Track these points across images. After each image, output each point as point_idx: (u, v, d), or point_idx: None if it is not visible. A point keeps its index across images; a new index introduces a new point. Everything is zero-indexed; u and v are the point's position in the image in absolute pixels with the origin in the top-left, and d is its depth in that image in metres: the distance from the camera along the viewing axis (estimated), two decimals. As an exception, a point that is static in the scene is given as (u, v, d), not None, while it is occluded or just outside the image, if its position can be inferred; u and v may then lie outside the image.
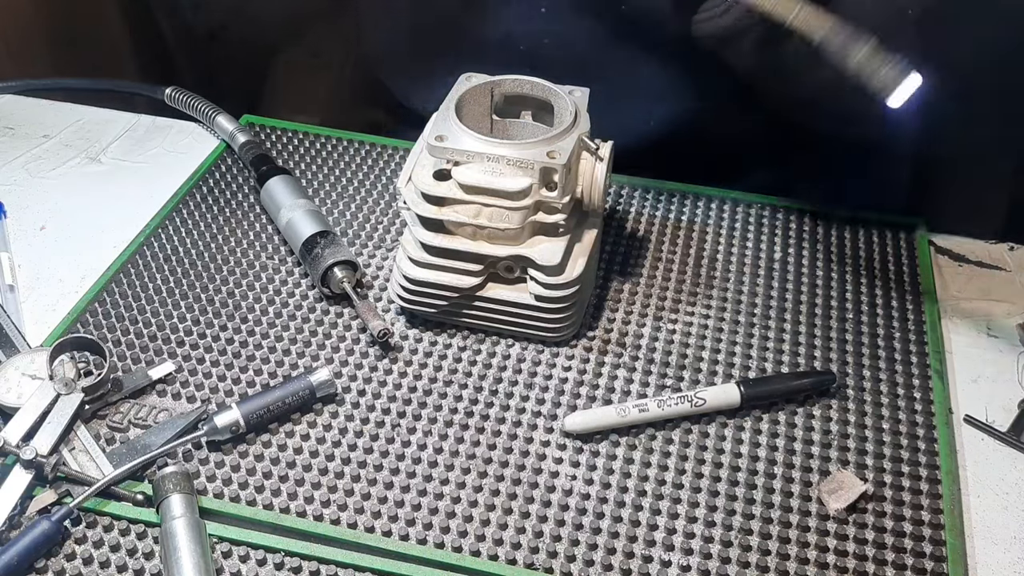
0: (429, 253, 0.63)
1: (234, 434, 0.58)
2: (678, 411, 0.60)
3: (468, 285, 0.63)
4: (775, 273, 0.72)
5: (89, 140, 0.87)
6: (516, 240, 0.61)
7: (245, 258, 0.72)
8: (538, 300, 0.62)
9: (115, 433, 0.59)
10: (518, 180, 0.59)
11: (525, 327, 0.64)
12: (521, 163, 0.59)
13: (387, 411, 0.61)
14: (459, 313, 0.65)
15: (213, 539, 0.53)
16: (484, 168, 0.60)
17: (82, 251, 0.74)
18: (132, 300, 0.68)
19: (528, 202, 0.60)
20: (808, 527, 0.55)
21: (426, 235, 0.62)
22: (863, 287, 0.71)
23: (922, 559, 0.53)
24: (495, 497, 0.56)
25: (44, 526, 0.52)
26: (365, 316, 0.64)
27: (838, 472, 0.57)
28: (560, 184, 0.59)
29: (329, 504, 0.55)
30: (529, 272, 0.62)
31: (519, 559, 0.53)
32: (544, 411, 0.61)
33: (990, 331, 0.69)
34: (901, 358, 0.65)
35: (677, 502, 0.56)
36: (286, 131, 0.85)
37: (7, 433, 0.56)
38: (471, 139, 0.60)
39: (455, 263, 0.62)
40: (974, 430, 0.62)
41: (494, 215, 0.60)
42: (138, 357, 0.63)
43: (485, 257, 0.62)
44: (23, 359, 0.61)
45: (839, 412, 0.61)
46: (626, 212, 0.77)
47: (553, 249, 0.61)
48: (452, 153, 0.60)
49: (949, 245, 0.77)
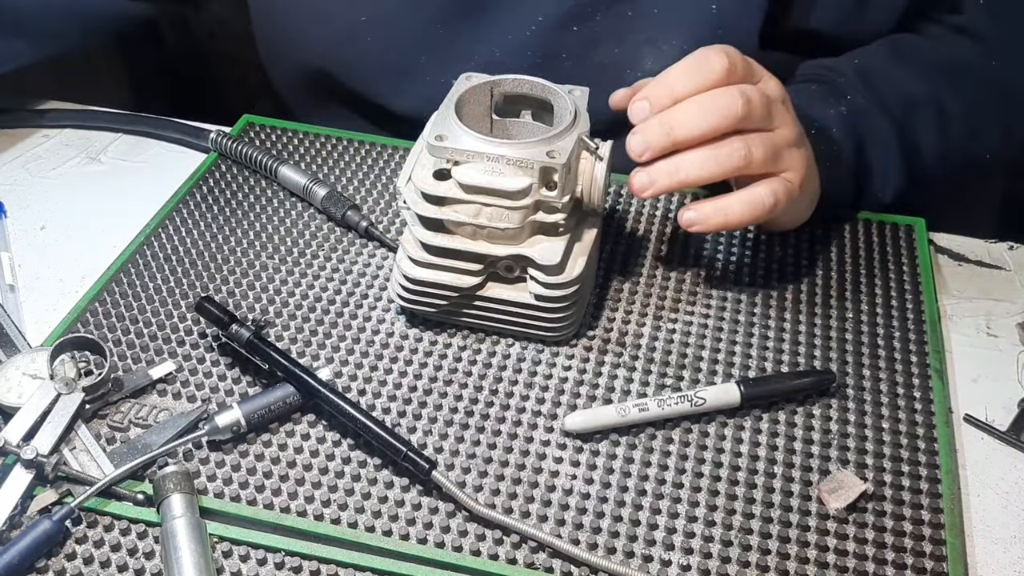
0: (429, 252, 0.63)
1: (235, 434, 0.58)
2: (678, 411, 0.60)
3: (468, 285, 0.63)
4: (775, 273, 0.72)
5: (89, 140, 0.87)
6: (516, 240, 0.61)
7: (245, 258, 0.72)
8: (538, 299, 0.62)
9: (115, 433, 0.59)
10: (518, 180, 0.59)
11: (525, 326, 0.64)
12: (521, 163, 0.59)
13: (387, 411, 0.61)
14: (459, 313, 0.65)
15: (213, 539, 0.53)
16: (484, 168, 0.60)
17: (82, 251, 0.74)
18: (132, 300, 0.68)
19: (528, 202, 0.60)
20: (808, 526, 0.55)
21: (426, 234, 0.62)
22: (863, 287, 0.71)
23: (922, 558, 0.53)
24: (495, 496, 0.56)
25: (45, 526, 0.52)
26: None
27: (838, 471, 0.57)
28: (560, 183, 0.59)
29: (329, 504, 0.55)
30: (529, 272, 0.62)
31: (519, 559, 0.53)
32: (544, 410, 0.61)
33: (990, 330, 0.69)
34: (901, 357, 0.65)
35: (677, 502, 0.56)
36: (286, 131, 0.85)
37: (7, 433, 0.56)
38: (471, 139, 0.60)
39: (455, 262, 0.62)
40: (974, 429, 0.62)
41: (494, 215, 0.60)
42: (138, 357, 0.64)
43: (485, 257, 0.62)
44: (23, 359, 0.61)
45: (839, 412, 0.61)
46: (626, 212, 0.77)
47: (553, 248, 0.61)
48: (452, 152, 0.60)
49: (949, 245, 0.77)
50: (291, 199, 0.78)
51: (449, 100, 0.63)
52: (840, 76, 0.76)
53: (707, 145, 0.61)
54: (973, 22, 0.79)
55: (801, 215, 0.73)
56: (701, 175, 0.61)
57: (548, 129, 0.63)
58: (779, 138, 0.64)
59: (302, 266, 0.71)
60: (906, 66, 0.76)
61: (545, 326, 0.63)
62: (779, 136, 0.64)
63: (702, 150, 0.61)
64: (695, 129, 0.61)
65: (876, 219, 0.77)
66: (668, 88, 0.61)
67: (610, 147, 0.62)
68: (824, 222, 0.76)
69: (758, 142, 0.62)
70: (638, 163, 0.62)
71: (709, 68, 0.61)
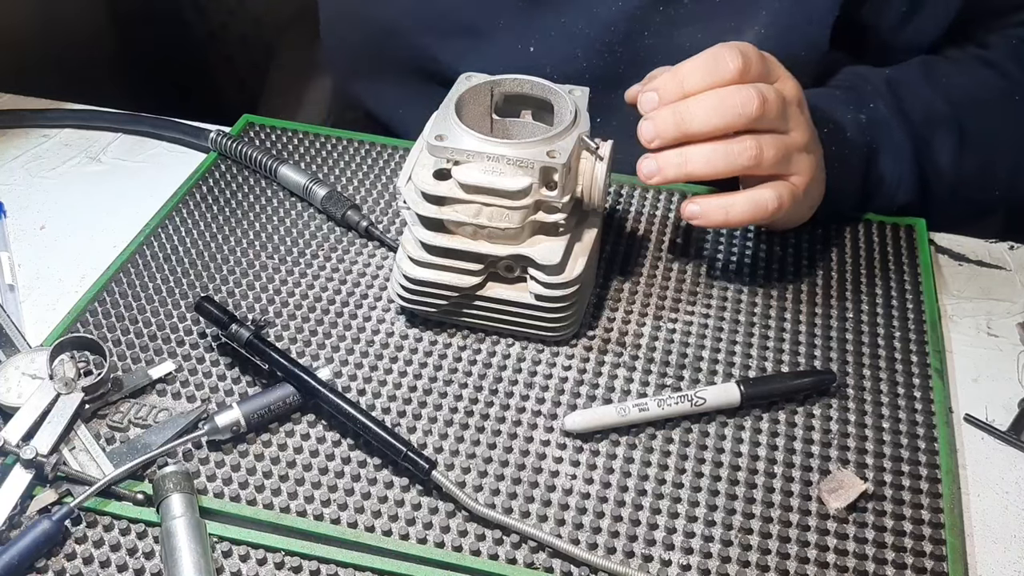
0: (429, 252, 0.63)
1: (235, 434, 0.58)
2: (678, 410, 0.60)
3: (468, 284, 0.63)
4: (775, 272, 0.72)
5: (89, 140, 0.86)
6: (516, 239, 0.61)
7: (245, 258, 0.72)
8: (538, 299, 0.62)
9: (115, 433, 0.59)
10: (518, 179, 0.59)
11: (525, 326, 0.64)
12: (521, 162, 0.59)
13: (387, 411, 0.61)
14: (459, 312, 0.65)
15: (213, 538, 0.53)
16: (484, 167, 0.60)
17: (82, 251, 0.74)
18: (132, 300, 0.68)
19: (528, 201, 0.60)
20: (808, 526, 0.55)
21: (426, 234, 0.62)
22: (863, 286, 0.71)
23: (922, 558, 0.53)
24: (495, 496, 0.56)
25: (45, 526, 0.52)
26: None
27: (838, 471, 0.57)
28: (560, 183, 0.59)
29: (329, 504, 0.55)
30: (529, 271, 0.62)
31: (519, 559, 0.53)
32: (544, 410, 0.61)
33: (990, 330, 0.69)
34: (901, 357, 0.65)
35: (677, 502, 0.56)
36: (286, 131, 0.85)
37: (7, 433, 0.56)
38: (471, 138, 0.60)
39: (455, 262, 0.62)
40: (974, 429, 0.62)
41: (494, 214, 0.60)
42: (138, 357, 0.64)
43: (485, 256, 0.62)
44: (23, 359, 0.61)
45: (839, 411, 0.61)
46: (626, 212, 0.77)
47: (553, 248, 0.61)
48: (452, 152, 0.60)
49: (949, 244, 0.77)
50: (291, 199, 0.78)
51: (449, 100, 0.63)
52: (868, 84, 0.76)
53: (719, 141, 0.61)
54: (1002, 58, 0.79)
55: (801, 217, 0.73)
56: (707, 170, 0.61)
57: (548, 129, 0.64)
58: (791, 141, 0.64)
59: (302, 266, 0.71)
60: (934, 85, 0.76)
61: (545, 326, 0.63)
62: (791, 139, 0.64)
63: (713, 144, 0.61)
64: (707, 124, 0.60)
65: (876, 219, 0.77)
66: (679, 82, 0.61)
67: (610, 147, 0.62)
68: (824, 222, 0.76)
69: (770, 143, 0.62)
70: (647, 150, 0.62)
71: (723, 66, 0.61)
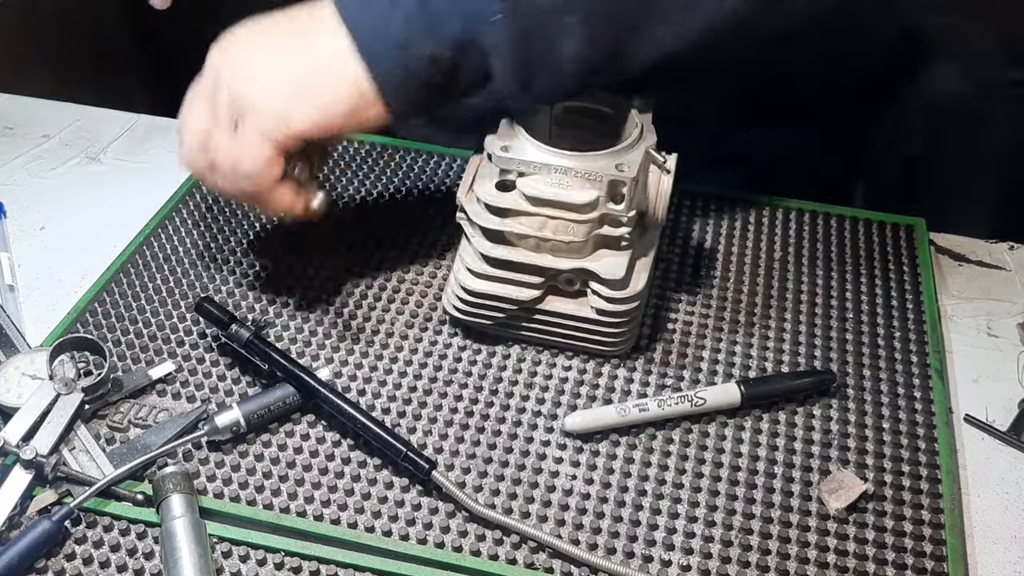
0: (489, 264, 0.62)
1: (235, 434, 0.58)
2: (678, 411, 0.60)
3: (528, 298, 0.62)
4: (775, 272, 0.72)
5: (89, 140, 0.86)
6: (579, 253, 0.60)
7: (245, 258, 0.72)
8: (600, 314, 0.61)
9: (115, 433, 0.59)
10: (585, 192, 0.58)
11: (583, 340, 0.63)
12: (589, 175, 0.58)
13: (387, 411, 0.61)
14: (515, 326, 0.64)
15: (213, 539, 0.53)
16: (550, 180, 0.59)
17: (82, 251, 0.74)
18: (132, 300, 0.68)
19: (594, 215, 0.59)
20: (808, 527, 0.55)
21: (487, 246, 0.61)
22: (863, 286, 0.71)
23: (922, 558, 0.53)
24: (495, 497, 0.56)
25: (44, 526, 0.52)
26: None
27: (838, 471, 0.57)
28: (628, 197, 0.58)
29: (329, 504, 0.55)
30: (591, 285, 0.61)
31: (519, 559, 0.53)
32: (544, 411, 0.61)
33: (990, 331, 0.69)
34: (901, 358, 0.65)
35: (677, 502, 0.56)
36: (286, 131, 0.85)
37: (7, 433, 0.56)
38: (537, 150, 0.59)
39: (516, 275, 0.61)
40: (974, 429, 0.62)
41: (559, 227, 0.59)
42: (138, 357, 0.63)
43: (547, 270, 0.61)
44: (23, 359, 0.61)
45: (839, 412, 0.61)
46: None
47: (617, 263, 0.60)
48: (518, 164, 0.59)
49: (949, 245, 0.77)
50: (291, 199, 0.78)
51: None
52: None
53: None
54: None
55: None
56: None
57: (614, 142, 0.62)
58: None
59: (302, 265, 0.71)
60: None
61: (604, 340, 0.63)
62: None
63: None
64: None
65: (876, 219, 0.77)
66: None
67: (675, 160, 0.61)
68: (825, 221, 0.76)
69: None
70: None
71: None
